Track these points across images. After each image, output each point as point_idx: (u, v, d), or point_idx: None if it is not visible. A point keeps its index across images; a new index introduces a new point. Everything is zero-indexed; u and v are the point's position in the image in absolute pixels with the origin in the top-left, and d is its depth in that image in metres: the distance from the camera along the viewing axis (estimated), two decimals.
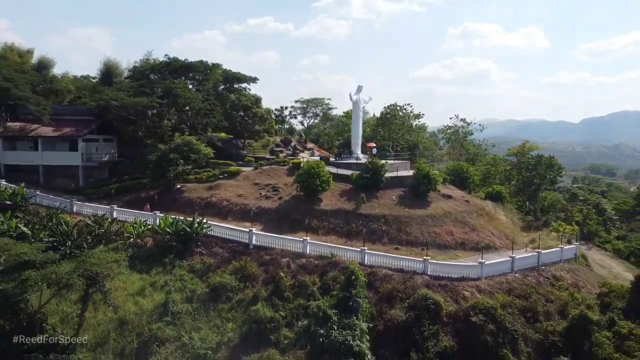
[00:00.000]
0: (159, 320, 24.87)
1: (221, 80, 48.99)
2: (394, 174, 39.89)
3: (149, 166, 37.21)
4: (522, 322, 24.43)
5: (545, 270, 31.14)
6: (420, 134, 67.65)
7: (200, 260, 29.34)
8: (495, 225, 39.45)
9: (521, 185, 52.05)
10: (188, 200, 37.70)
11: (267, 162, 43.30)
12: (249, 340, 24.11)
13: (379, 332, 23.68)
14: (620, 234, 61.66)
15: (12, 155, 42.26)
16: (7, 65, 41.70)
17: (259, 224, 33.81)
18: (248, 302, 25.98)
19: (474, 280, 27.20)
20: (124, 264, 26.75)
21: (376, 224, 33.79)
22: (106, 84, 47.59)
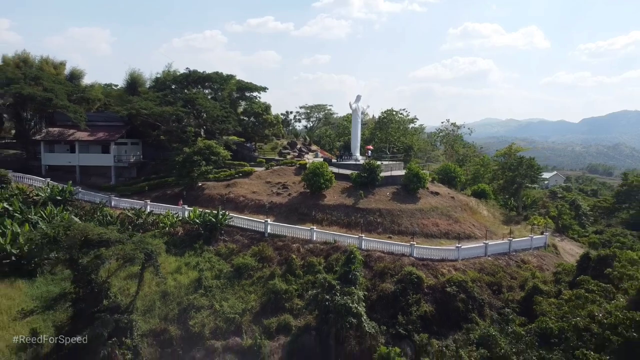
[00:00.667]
0: (194, 292, 30.77)
1: (235, 89, 54.99)
2: (389, 173, 45.75)
3: (175, 166, 43.04)
4: (488, 293, 30.36)
5: (515, 255, 37.09)
6: (414, 137, 73.40)
7: (225, 245, 35.27)
8: (477, 218, 45.33)
9: (505, 184, 57.92)
10: (209, 197, 43.53)
11: (276, 163, 49.21)
12: (267, 307, 30.03)
13: (373, 301, 29.59)
14: (599, 229, 67.61)
15: (52, 156, 48.17)
16: (47, 77, 47.59)
17: (271, 216, 39.64)
18: (266, 278, 31.91)
19: (452, 261, 33.14)
20: (163, 247, 32.50)
21: (372, 217, 39.68)
22: (131, 93, 53.56)
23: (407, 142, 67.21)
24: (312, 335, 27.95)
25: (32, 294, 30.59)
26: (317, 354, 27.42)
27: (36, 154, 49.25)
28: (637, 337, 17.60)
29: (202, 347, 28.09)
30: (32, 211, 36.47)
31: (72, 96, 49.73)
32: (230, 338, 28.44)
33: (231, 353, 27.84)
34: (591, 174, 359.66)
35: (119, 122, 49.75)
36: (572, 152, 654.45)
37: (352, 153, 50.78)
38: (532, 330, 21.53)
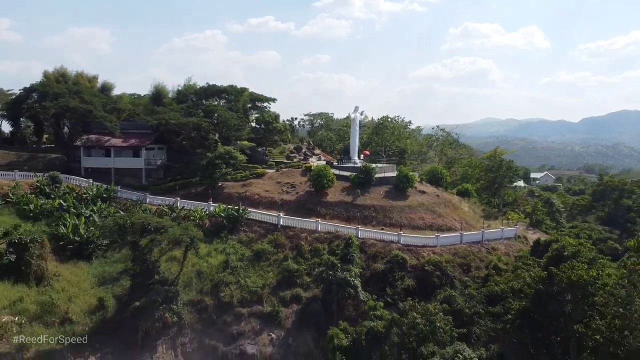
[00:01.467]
0: (223, 271, 38.47)
1: (247, 100, 62.63)
2: (382, 174, 53.37)
3: (199, 169, 50.69)
4: (459, 271, 38.05)
5: (487, 244, 44.69)
6: (408, 141, 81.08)
7: (245, 235, 42.98)
8: (459, 214, 52.87)
9: (487, 184, 65.60)
10: (228, 195, 51.13)
11: (285, 165, 56.90)
12: (282, 283, 37.75)
13: (367, 277, 37.28)
14: (574, 224, 75.35)
15: (90, 160, 55.85)
16: (86, 91, 55.27)
17: (282, 211, 47.23)
18: (280, 260, 39.63)
19: (432, 247, 40.86)
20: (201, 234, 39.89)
21: (368, 212, 47.31)
22: (156, 104, 61.27)
23: (401, 145, 74.86)
24: (318, 304, 35.63)
25: (92, 272, 38.41)
26: (322, 318, 35.04)
27: (75, 157, 56.85)
28: (542, 288, 25.03)
29: (231, 313, 35.81)
30: (84, 207, 44.22)
31: (106, 107, 57.36)
32: (253, 306, 36.19)
33: (255, 317, 35.58)
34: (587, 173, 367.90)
35: (147, 130, 57.42)
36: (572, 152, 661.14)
37: (351, 157, 58.43)
38: (482, 292, 29.06)
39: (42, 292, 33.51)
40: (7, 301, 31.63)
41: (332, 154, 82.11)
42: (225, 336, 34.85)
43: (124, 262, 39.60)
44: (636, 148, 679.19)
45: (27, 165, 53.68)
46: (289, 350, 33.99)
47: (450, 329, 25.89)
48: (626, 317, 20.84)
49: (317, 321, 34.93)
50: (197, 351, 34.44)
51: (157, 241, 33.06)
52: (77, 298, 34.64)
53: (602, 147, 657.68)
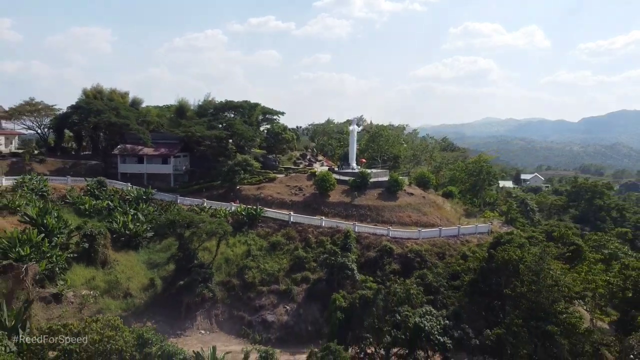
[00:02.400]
0: (246, 258, 48.18)
1: (260, 114, 72.37)
2: (376, 179, 63.08)
3: (221, 174, 60.42)
4: (435, 258, 47.75)
5: (462, 237, 54.32)
6: (401, 147, 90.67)
7: (262, 229, 52.71)
8: (441, 212, 62.56)
9: (470, 186, 75.35)
10: (245, 196, 60.84)
11: (293, 171, 66.65)
12: (294, 267, 47.45)
13: (362, 263, 47.00)
14: (551, 223, 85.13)
15: (125, 166, 65.58)
16: (122, 107, 65.00)
17: (292, 210, 56.89)
18: (292, 249, 49.34)
19: (415, 239, 50.60)
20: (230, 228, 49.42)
21: (363, 211, 57.04)
22: (180, 117, 71.00)
23: (394, 152, 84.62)
24: (323, 283, 45.32)
25: (140, 259, 48.20)
26: (326, 295, 44.65)
27: (112, 164, 66.60)
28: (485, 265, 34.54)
29: (254, 291, 45.54)
30: (127, 206, 53.99)
31: (138, 120, 67.09)
32: (271, 285, 45.94)
33: (273, 294, 45.34)
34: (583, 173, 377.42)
35: (174, 140, 67.16)
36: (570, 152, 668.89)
37: (349, 163, 68.12)
38: (447, 271, 38.63)
39: (107, 273, 43.32)
40: (83, 279, 41.42)
41: (333, 159, 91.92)
42: (249, 308, 44.60)
43: (164, 251, 49.53)
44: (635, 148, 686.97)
45: (72, 171, 63.47)
46: (300, 318, 43.74)
47: (421, 296, 35.51)
48: (538, 282, 30.30)
49: (321, 297, 44.49)
50: (228, 320, 44.19)
51: (198, 233, 42.77)
52: (134, 278, 44.45)
53: (601, 147, 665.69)
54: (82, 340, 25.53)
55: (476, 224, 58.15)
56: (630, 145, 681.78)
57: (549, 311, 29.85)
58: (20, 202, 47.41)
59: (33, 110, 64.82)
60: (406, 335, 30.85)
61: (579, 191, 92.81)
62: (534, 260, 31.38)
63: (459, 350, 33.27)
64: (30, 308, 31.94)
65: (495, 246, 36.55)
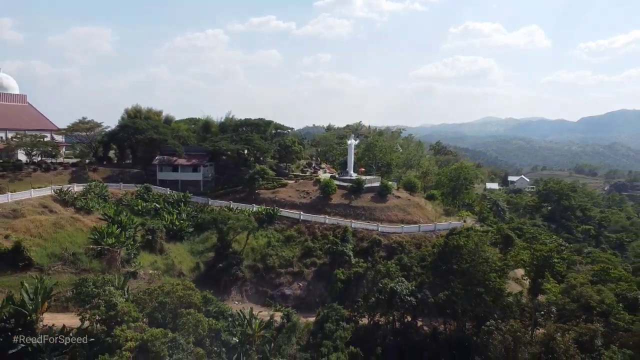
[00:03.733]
0: (267, 248, 63.05)
1: (273, 129, 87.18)
2: (370, 184, 77.85)
3: (243, 181, 75.20)
4: (414, 247, 62.57)
5: (438, 232, 69.05)
6: (394, 154, 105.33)
7: (278, 225, 67.57)
8: (424, 212, 77.39)
9: (449, 190, 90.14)
10: (262, 199, 75.61)
11: (301, 178, 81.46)
12: (304, 254, 62.33)
13: (357, 251, 61.86)
14: (522, 221, 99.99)
15: (162, 174, 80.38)
16: (160, 125, 79.74)
17: (301, 210, 71.68)
18: (302, 241, 64.20)
19: (398, 233, 65.45)
20: (256, 224, 64.24)
21: (359, 210, 71.83)
22: (205, 132, 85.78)
23: (387, 159, 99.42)
24: (327, 266, 60.11)
25: (185, 248, 63.04)
26: (329, 275, 59.47)
27: (150, 172, 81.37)
28: (442, 249, 49.13)
29: (274, 272, 60.36)
30: (171, 207, 68.81)
31: (172, 135, 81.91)
32: (287, 268, 60.77)
33: (289, 275, 60.15)
34: (577, 174, 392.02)
35: (202, 152, 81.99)
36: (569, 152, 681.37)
37: (348, 171, 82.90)
38: (418, 255, 53.35)
39: (164, 258, 58.20)
40: (148, 262, 56.22)
41: (334, 163, 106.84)
42: (271, 285, 59.47)
43: (202, 242, 64.42)
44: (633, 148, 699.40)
45: (119, 178, 78.31)
46: (310, 292, 58.59)
47: (398, 272, 50.15)
48: (473, 260, 44.90)
49: (326, 276, 59.39)
50: (255, 294, 59.04)
51: (234, 228, 57.60)
52: (183, 262, 59.36)
53: (599, 147, 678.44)
54: (172, 296, 40.33)
55: (450, 222, 72.95)
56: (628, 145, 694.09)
57: (481, 280, 44.62)
58: (92, 204, 62.32)
59: (86, 128, 79.65)
60: (385, 297, 45.60)
61: (549, 193, 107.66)
62: (472, 245, 46.03)
63: (422, 311, 48.08)
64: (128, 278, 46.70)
65: (450, 236, 51.29)
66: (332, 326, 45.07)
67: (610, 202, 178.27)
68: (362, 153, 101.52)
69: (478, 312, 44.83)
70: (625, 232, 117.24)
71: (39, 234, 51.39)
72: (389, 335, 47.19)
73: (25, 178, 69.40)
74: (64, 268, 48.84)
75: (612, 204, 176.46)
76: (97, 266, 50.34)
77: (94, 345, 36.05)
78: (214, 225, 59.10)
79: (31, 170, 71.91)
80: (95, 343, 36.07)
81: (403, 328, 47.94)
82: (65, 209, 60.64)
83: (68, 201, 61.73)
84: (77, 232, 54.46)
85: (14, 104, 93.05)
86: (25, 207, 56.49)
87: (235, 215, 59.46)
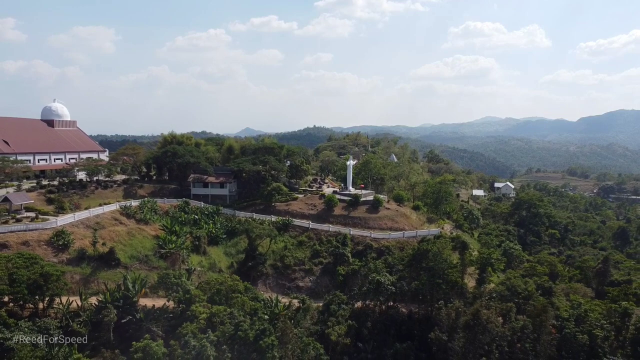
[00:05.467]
0: (284, 250, 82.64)
1: (285, 152, 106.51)
2: (365, 198, 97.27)
3: (262, 195, 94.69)
4: (398, 250, 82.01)
5: (419, 237, 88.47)
6: (387, 169, 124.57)
7: (292, 232, 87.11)
8: (409, 221, 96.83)
9: (432, 201, 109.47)
10: (278, 210, 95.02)
11: (309, 192, 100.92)
12: (313, 255, 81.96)
13: (353, 253, 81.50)
14: (495, 227, 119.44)
15: (195, 190, 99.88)
16: (194, 149, 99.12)
17: (310, 220, 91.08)
18: (311, 245, 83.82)
19: (386, 239, 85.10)
20: (277, 232, 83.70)
21: (356, 220, 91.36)
22: (229, 154, 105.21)
23: (381, 174, 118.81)
24: (331, 265, 79.62)
25: (220, 251, 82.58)
26: (332, 272, 78.81)
27: (185, 187, 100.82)
28: (417, 252, 68.16)
29: (290, 269, 79.91)
30: (207, 218, 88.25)
31: (204, 157, 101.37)
32: (300, 266, 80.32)
33: (301, 271, 79.71)
34: (570, 176, 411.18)
35: (228, 171, 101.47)
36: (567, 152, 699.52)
37: (347, 187, 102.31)
38: (400, 255, 72.77)
39: (207, 259, 77.69)
40: (197, 262, 75.61)
41: (336, 176, 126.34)
42: (288, 279, 78.95)
43: (233, 246, 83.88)
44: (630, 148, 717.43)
45: (160, 193, 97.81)
46: (318, 284, 78.05)
47: (384, 269, 69.48)
48: (436, 259, 64.04)
49: (330, 273, 78.81)
50: (276, 286, 78.50)
51: (260, 234, 77.02)
52: (221, 261, 78.86)
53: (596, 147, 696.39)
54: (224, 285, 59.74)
55: (429, 229, 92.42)
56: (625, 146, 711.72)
57: (441, 274, 64.02)
58: (149, 216, 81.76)
59: (134, 154, 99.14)
60: (373, 286, 64.95)
61: (520, 202, 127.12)
62: (435, 249, 65.37)
63: (401, 297, 67.37)
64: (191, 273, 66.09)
65: (422, 242, 70.75)
66: (335, 307, 64.48)
67: (587, 207, 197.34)
68: (360, 169, 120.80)
69: (439, 297, 64.24)
70: (588, 236, 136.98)
71: (119, 241, 70.93)
72: (376, 314, 66.65)
73: (90, 195, 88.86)
74: (140, 266, 68.31)
75: (589, 209, 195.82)
76: (163, 265, 69.80)
77: (173, 318, 55.54)
78: (244, 233, 78.70)
79: (93, 188, 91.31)
80: (175, 317, 55.53)
81: (387, 309, 67.40)
82: (129, 221, 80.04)
83: (130, 214, 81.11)
84: (144, 239, 74.06)
85: (68, 129, 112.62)
86: (103, 220, 75.91)
87: (258, 224, 78.98)
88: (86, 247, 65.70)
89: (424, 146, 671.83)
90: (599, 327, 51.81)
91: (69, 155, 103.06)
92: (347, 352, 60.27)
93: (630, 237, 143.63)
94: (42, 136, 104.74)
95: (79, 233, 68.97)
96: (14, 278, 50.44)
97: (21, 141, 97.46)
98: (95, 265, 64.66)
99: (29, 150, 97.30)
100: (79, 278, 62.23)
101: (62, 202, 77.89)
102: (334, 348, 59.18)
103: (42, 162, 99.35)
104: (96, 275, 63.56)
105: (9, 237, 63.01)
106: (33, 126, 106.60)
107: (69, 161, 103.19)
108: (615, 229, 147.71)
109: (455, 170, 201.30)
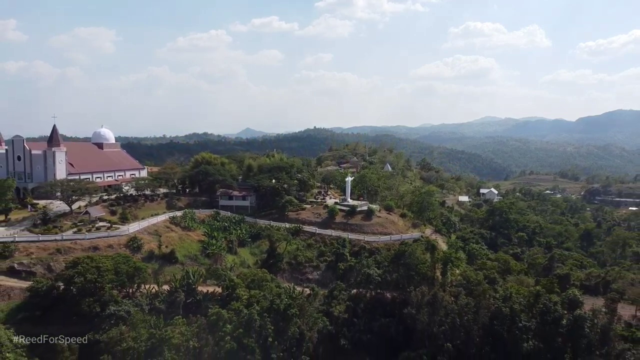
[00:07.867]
0: (296, 251, 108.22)
1: (294, 168, 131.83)
2: (361, 208, 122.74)
3: (277, 206, 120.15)
4: (386, 250, 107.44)
5: (403, 240, 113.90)
6: (380, 181, 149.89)
7: (302, 237, 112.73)
8: (396, 227, 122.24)
9: (417, 209, 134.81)
10: (290, 219, 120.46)
11: (315, 203, 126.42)
12: (319, 255, 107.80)
13: (351, 253, 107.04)
14: (470, 230, 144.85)
15: (222, 201, 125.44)
16: (220, 167, 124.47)
17: (316, 226, 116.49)
18: (318, 247, 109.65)
19: (377, 242, 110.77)
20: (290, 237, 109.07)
21: (353, 227, 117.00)
22: (249, 171, 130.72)
23: (375, 186, 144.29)
24: (333, 262, 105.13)
25: (247, 252, 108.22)
26: (334, 267, 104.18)
27: (214, 199, 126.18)
28: (394, 252, 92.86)
29: (302, 265, 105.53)
30: (235, 225, 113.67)
31: (229, 174, 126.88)
32: (310, 263, 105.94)
33: (310, 267, 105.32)
34: (561, 178, 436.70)
35: (248, 186, 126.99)
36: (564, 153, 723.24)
37: (346, 199, 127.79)
38: (386, 254, 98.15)
39: (238, 257, 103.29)
40: (231, 260, 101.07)
41: (337, 186, 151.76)
42: (300, 273, 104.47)
43: (257, 247, 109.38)
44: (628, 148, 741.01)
45: (194, 204, 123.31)
46: (324, 277, 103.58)
47: (373, 265, 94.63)
48: (411, 257, 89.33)
49: (333, 268, 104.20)
50: (291, 279, 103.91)
51: (279, 238, 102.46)
52: (248, 260, 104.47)
53: (593, 148, 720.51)
54: (257, 276, 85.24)
55: (412, 233, 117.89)
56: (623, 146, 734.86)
57: (414, 268, 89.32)
58: (191, 224, 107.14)
59: (173, 172, 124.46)
60: (364, 277, 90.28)
61: (494, 209, 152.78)
62: (410, 250, 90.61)
63: (386, 286, 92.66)
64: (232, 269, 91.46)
65: (402, 244, 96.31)
66: (337, 293, 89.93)
67: (564, 211, 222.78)
68: (357, 182, 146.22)
69: (414, 285, 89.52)
70: (555, 238, 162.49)
71: (174, 244, 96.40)
72: (367, 298, 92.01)
73: (141, 207, 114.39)
74: (192, 263, 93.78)
75: (566, 213, 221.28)
76: (208, 262, 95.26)
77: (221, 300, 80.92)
78: (266, 237, 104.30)
79: (143, 201, 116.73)
80: (222, 299, 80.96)
81: (375, 295, 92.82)
82: (176, 228, 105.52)
83: (177, 223, 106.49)
84: (191, 243, 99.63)
85: (113, 150, 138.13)
86: (158, 228, 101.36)
87: (276, 230, 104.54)
88: (153, 249, 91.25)
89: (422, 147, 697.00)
90: (518, 303, 77.11)
91: (117, 173, 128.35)
92: (345, 324, 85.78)
93: (595, 239, 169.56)
94: (96, 157, 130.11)
95: (145, 238, 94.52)
96: (117, 270, 75.78)
97: (82, 162, 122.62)
98: (160, 262, 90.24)
99: (88, 170, 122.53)
100: (151, 271, 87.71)
101: (125, 213, 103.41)
102: (336, 321, 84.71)
103: (98, 179, 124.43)
104: (162, 269, 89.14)
105: (98, 242, 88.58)
106: (88, 149, 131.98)
107: (118, 178, 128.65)
108: (582, 231, 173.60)
109: (445, 177, 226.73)
